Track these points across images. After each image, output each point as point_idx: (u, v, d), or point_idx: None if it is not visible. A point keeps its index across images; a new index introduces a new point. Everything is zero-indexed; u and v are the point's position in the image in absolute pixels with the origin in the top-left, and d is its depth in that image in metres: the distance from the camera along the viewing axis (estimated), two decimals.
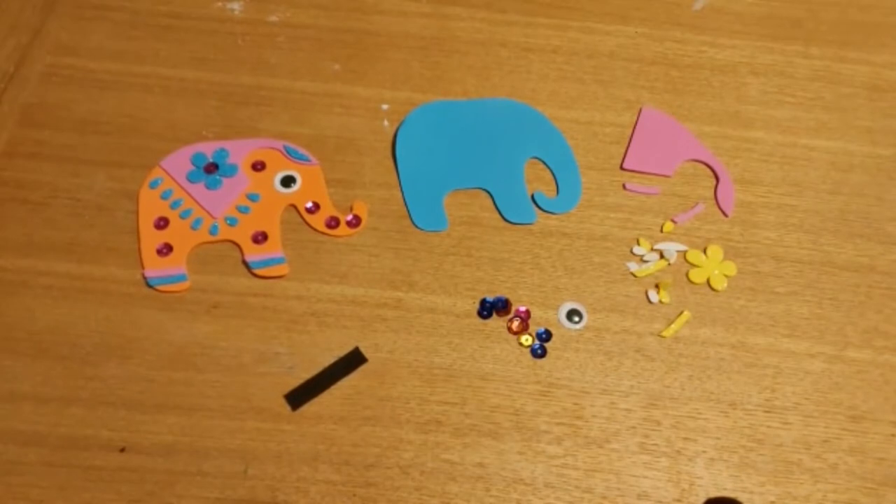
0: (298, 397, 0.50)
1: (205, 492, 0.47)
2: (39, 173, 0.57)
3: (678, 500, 0.48)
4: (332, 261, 0.55)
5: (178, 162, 0.57)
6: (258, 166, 0.57)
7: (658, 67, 0.64)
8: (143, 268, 0.53)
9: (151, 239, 0.54)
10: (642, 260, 0.56)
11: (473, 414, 0.50)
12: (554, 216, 0.57)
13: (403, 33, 0.65)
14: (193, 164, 0.56)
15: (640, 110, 0.61)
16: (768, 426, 0.51)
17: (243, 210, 0.55)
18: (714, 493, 0.49)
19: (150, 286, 0.53)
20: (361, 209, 0.56)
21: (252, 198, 0.56)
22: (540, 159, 0.59)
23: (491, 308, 0.53)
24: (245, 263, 0.54)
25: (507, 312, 0.53)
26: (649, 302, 0.54)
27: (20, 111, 0.59)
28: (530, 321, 0.53)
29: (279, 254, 0.54)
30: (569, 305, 0.54)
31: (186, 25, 0.64)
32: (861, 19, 0.66)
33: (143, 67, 0.62)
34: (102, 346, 0.51)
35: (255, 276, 0.53)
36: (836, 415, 0.51)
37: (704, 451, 0.50)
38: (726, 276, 0.55)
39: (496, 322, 0.53)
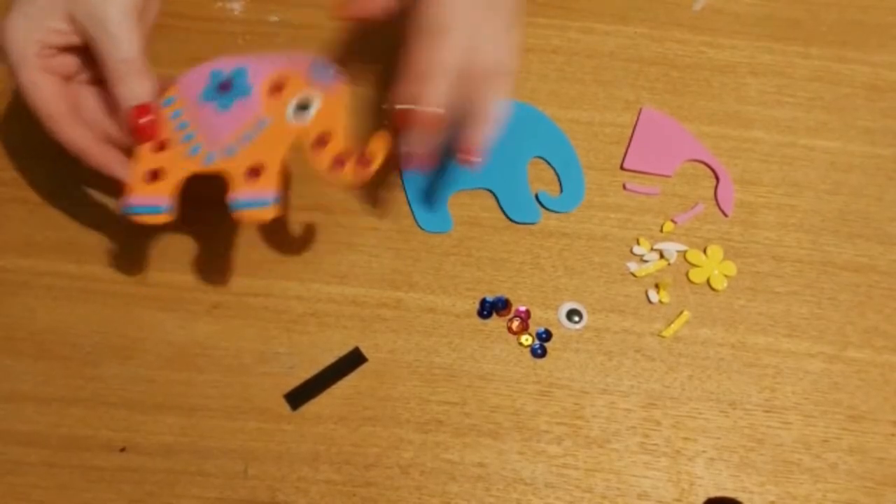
0: (298, 397, 0.50)
1: (205, 492, 0.47)
2: (39, 173, 0.57)
3: (678, 500, 0.48)
4: (332, 261, 0.55)
5: (195, 79, 0.51)
6: (275, 89, 0.49)
7: (658, 67, 0.64)
8: (126, 194, 0.47)
9: (145, 161, 0.48)
10: (642, 260, 0.56)
11: (473, 414, 0.50)
12: (554, 216, 0.57)
13: None
14: (209, 81, 0.50)
15: (640, 110, 0.61)
16: (768, 426, 0.51)
17: (247, 138, 0.48)
18: (714, 493, 0.49)
19: (126, 214, 0.46)
20: (379, 147, 0.47)
21: (260, 125, 0.49)
22: (543, 158, 0.59)
23: (491, 308, 0.53)
24: (228, 205, 0.46)
25: (507, 312, 0.53)
26: (649, 302, 0.54)
27: (20, 111, 0.59)
28: (530, 321, 0.53)
29: (270, 194, 0.46)
30: (569, 305, 0.54)
31: (186, 25, 0.64)
32: (861, 19, 0.66)
33: None
34: (103, 346, 0.51)
35: (235, 221, 0.46)
36: (835, 415, 0.51)
37: (704, 451, 0.50)
38: (726, 276, 0.55)
39: (496, 322, 0.53)
